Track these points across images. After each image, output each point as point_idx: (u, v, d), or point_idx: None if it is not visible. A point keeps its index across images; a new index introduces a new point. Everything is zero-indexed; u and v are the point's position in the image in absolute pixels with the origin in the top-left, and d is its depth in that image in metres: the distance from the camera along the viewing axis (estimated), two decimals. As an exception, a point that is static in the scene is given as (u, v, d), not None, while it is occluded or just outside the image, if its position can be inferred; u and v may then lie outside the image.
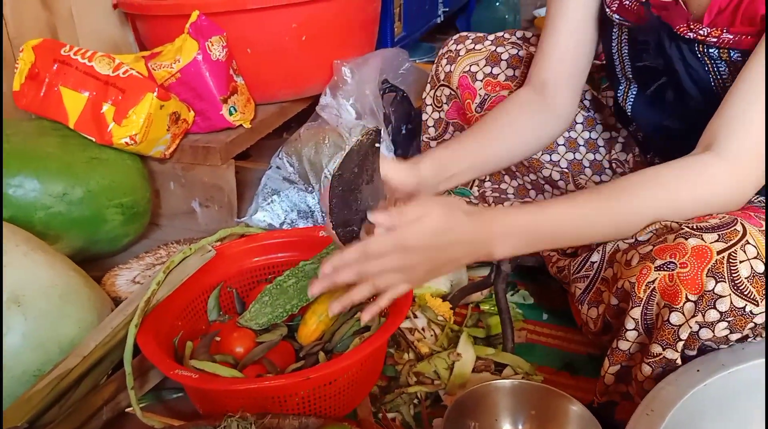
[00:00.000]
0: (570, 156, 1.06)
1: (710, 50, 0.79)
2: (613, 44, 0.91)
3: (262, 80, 1.40)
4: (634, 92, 0.92)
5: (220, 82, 1.29)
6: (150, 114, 1.16)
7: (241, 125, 1.33)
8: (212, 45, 1.27)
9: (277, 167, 1.38)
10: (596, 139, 1.06)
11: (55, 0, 1.37)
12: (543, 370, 0.92)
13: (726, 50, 0.77)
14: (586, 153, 1.06)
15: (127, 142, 1.17)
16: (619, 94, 0.94)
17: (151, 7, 1.37)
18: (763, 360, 0.67)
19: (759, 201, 0.82)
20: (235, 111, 1.32)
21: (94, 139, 1.17)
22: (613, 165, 1.05)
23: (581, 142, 1.06)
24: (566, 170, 1.05)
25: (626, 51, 0.90)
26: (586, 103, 1.09)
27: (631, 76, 0.91)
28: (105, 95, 1.17)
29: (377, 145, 0.77)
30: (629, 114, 0.94)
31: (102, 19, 1.48)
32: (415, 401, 0.87)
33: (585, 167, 1.06)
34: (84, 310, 0.89)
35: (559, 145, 1.04)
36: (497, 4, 2.01)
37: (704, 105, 0.82)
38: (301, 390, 0.80)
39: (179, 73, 1.26)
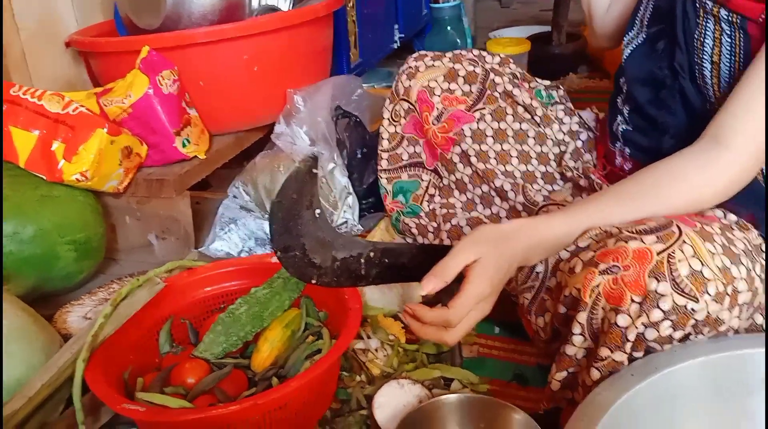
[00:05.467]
0: (522, 168, 1.09)
1: (706, 1, 0.83)
2: None
3: (215, 111, 1.41)
4: (639, 40, 0.96)
5: (173, 115, 1.30)
6: (100, 149, 1.17)
7: (195, 157, 1.35)
8: (163, 79, 1.29)
9: (234, 196, 1.39)
10: (547, 152, 1.11)
11: (5, 42, 1.38)
12: (494, 382, 0.93)
13: (718, 6, 0.81)
14: (538, 165, 1.10)
15: (78, 179, 1.17)
16: (626, 39, 0.97)
17: (102, 44, 1.39)
18: (692, 361, 0.69)
19: None
20: (189, 143, 1.33)
21: (44, 177, 1.17)
22: (564, 171, 1.08)
23: (533, 154, 1.10)
24: (520, 181, 1.08)
25: None
26: (537, 119, 1.13)
27: (646, 21, 0.95)
28: (55, 133, 1.18)
29: (315, 170, 0.79)
30: (624, 59, 0.97)
31: (55, 59, 1.49)
32: (368, 422, 0.88)
33: (537, 178, 1.09)
34: (31, 350, 0.88)
35: (512, 156, 1.09)
36: (448, 28, 2.08)
37: (686, 59, 0.86)
38: (251, 416, 0.80)
39: (131, 108, 1.27)
